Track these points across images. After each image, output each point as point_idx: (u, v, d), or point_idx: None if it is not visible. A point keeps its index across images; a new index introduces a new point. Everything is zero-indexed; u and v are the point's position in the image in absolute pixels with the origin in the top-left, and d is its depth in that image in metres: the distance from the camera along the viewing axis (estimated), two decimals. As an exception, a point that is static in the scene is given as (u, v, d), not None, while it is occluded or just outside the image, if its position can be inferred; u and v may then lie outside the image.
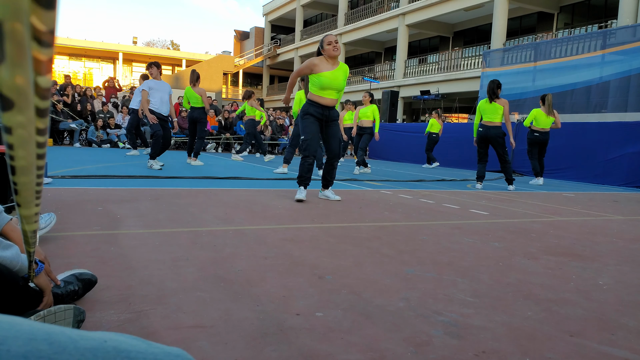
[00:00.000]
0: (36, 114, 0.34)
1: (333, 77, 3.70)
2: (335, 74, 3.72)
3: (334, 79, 3.70)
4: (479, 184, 5.98)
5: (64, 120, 10.95)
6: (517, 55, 12.32)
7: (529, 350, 1.19)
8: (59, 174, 4.42)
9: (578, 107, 10.65)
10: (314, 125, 3.79)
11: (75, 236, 2.09)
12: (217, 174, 5.67)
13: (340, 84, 3.76)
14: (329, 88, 3.72)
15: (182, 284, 1.52)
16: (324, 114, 3.80)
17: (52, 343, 0.40)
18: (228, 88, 35.29)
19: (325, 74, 3.68)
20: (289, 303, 1.41)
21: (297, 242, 2.24)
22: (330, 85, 3.71)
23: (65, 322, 1.06)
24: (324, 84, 3.69)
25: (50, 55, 0.31)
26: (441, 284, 1.71)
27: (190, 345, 1.09)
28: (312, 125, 3.79)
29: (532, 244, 2.55)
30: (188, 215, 2.76)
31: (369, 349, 1.13)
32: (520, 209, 4.01)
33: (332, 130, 3.86)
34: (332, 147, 3.86)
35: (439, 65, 20.69)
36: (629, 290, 1.77)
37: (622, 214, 4.10)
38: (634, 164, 7.58)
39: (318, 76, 3.70)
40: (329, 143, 3.87)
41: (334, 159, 3.90)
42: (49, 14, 0.29)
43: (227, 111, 13.61)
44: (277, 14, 32.63)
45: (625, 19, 12.96)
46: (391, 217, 3.20)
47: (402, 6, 21.02)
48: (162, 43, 51.96)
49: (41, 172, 0.42)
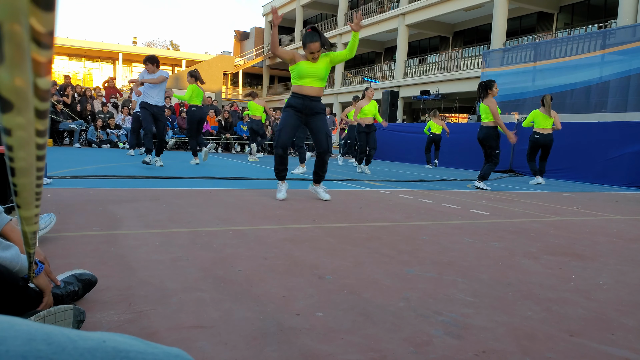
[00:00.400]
0: (36, 116, 0.34)
1: (310, 64, 3.62)
2: (316, 64, 3.64)
3: (311, 65, 3.62)
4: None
5: (64, 121, 10.95)
6: (517, 55, 12.32)
7: (529, 350, 1.19)
8: (59, 175, 4.42)
9: (578, 107, 10.66)
10: (289, 118, 3.71)
11: (75, 236, 2.09)
12: (217, 174, 5.67)
13: (320, 72, 3.64)
14: (308, 76, 3.63)
15: (182, 284, 1.52)
16: (304, 104, 3.69)
17: (51, 343, 0.40)
18: (228, 88, 35.30)
19: (302, 62, 3.62)
20: (289, 303, 1.41)
21: (297, 242, 2.24)
22: (308, 72, 3.61)
23: (65, 322, 1.06)
24: (302, 72, 3.62)
25: (49, 56, 0.31)
26: (441, 284, 1.71)
27: (191, 346, 1.10)
28: (287, 118, 3.71)
29: (532, 243, 2.55)
30: (188, 215, 2.76)
31: (369, 349, 1.14)
32: (521, 209, 4.01)
33: (317, 124, 3.74)
34: (320, 141, 3.76)
35: (439, 65, 20.69)
36: (629, 290, 1.77)
37: (622, 214, 4.10)
38: (634, 164, 7.58)
39: (296, 65, 3.65)
40: (317, 137, 3.76)
41: (324, 153, 3.80)
42: (48, 15, 0.29)
43: (227, 111, 13.60)
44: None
45: (625, 18, 12.96)
46: (391, 217, 3.20)
47: (402, 6, 21.02)
48: (162, 43, 52.06)
49: (41, 173, 0.42)
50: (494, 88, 5.71)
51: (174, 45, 50.76)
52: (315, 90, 3.70)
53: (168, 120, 12.67)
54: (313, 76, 3.64)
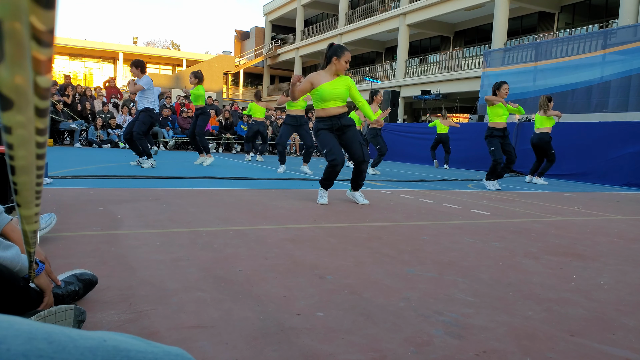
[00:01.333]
0: (36, 114, 0.34)
1: (332, 87, 3.65)
2: (335, 84, 3.67)
3: (333, 88, 3.66)
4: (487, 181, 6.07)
5: (64, 121, 10.96)
6: (517, 55, 12.31)
7: (530, 349, 1.19)
8: (59, 174, 4.42)
9: (579, 107, 10.65)
10: (328, 135, 3.72)
11: (75, 236, 2.09)
12: (217, 174, 5.67)
13: (341, 93, 3.68)
14: (331, 99, 3.66)
15: (183, 284, 1.52)
16: (333, 123, 3.72)
17: (51, 342, 0.40)
18: (228, 88, 35.31)
19: (323, 85, 3.65)
20: (290, 303, 1.41)
21: (297, 242, 2.24)
22: (331, 95, 3.65)
23: (65, 322, 1.06)
24: (325, 96, 3.64)
25: (49, 54, 0.31)
26: (442, 283, 1.70)
27: (191, 345, 1.09)
28: (326, 135, 3.72)
29: (533, 243, 2.55)
30: (188, 215, 2.76)
31: (369, 349, 1.13)
32: (521, 209, 4.00)
33: (349, 137, 3.75)
34: (355, 152, 3.75)
35: (440, 65, 20.69)
36: (629, 290, 1.77)
37: (622, 214, 4.10)
38: (635, 164, 7.57)
39: (317, 89, 3.66)
40: (351, 149, 3.76)
41: (362, 163, 3.76)
42: (48, 13, 0.29)
43: (227, 111, 13.61)
44: (277, 13, 32.64)
45: (626, 18, 12.95)
46: (392, 217, 3.20)
47: (402, 6, 21.02)
48: (162, 43, 52.04)
49: (41, 172, 0.42)
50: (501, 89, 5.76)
51: (175, 45, 50.82)
52: (340, 110, 3.73)
53: (168, 120, 12.68)
54: (336, 98, 3.67)
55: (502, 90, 5.73)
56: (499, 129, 5.83)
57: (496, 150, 5.79)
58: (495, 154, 5.79)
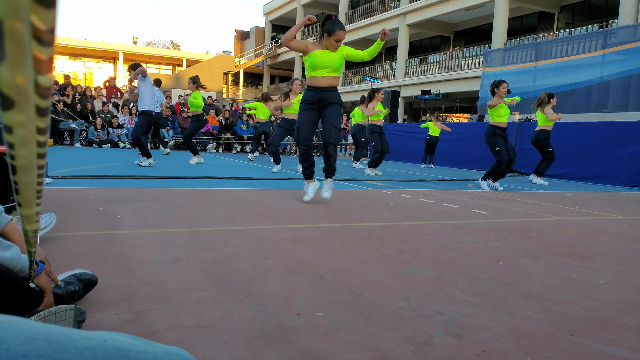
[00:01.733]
0: (37, 113, 0.34)
1: (324, 54, 3.54)
2: (328, 53, 3.55)
3: (325, 56, 3.54)
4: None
5: (65, 120, 10.96)
6: (517, 55, 12.32)
7: (530, 349, 1.19)
8: (59, 174, 4.42)
9: (579, 107, 10.65)
10: (305, 113, 3.66)
11: (75, 236, 2.09)
12: (217, 174, 5.67)
13: (332, 61, 3.54)
14: (322, 67, 3.55)
15: (183, 284, 1.52)
16: (317, 95, 3.60)
17: (51, 342, 0.40)
18: (228, 88, 35.30)
19: (315, 52, 3.55)
20: (290, 303, 1.41)
21: (297, 242, 2.24)
22: (322, 63, 3.53)
23: (65, 322, 1.06)
24: (316, 63, 3.54)
25: (50, 54, 0.31)
26: (442, 283, 1.70)
27: (191, 345, 1.09)
28: (302, 113, 3.67)
29: (532, 243, 2.55)
30: (188, 215, 2.76)
31: (369, 349, 1.13)
32: (521, 209, 4.00)
33: (326, 114, 3.63)
34: (324, 132, 3.63)
35: (440, 65, 20.68)
36: (629, 290, 1.77)
37: (622, 214, 4.10)
38: (635, 164, 7.57)
39: (309, 56, 3.57)
40: (323, 128, 3.64)
41: (327, 145, 3.63)
42: (49, 12, 0.29)
43: (227, 111, 13.61)
44: (277, 13, 32.63)
45: (626, 18, 12.95)
46: (392, 217, 3.20)
47: (402, 6, 21.02)
48: (162, 43, 52.05)
49: (42, 171, 0.42)
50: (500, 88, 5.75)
51: (175, 44, 50.83)
52: (328, 81, 3.59)
53: (168, 120, 12.67)
54: (327, 67, 3.55)
55: (502, 89, 5.73)
56: (501, 128, 5.84)
57: (501, 150, 5.79)
58: (500, 154, 5.79)
